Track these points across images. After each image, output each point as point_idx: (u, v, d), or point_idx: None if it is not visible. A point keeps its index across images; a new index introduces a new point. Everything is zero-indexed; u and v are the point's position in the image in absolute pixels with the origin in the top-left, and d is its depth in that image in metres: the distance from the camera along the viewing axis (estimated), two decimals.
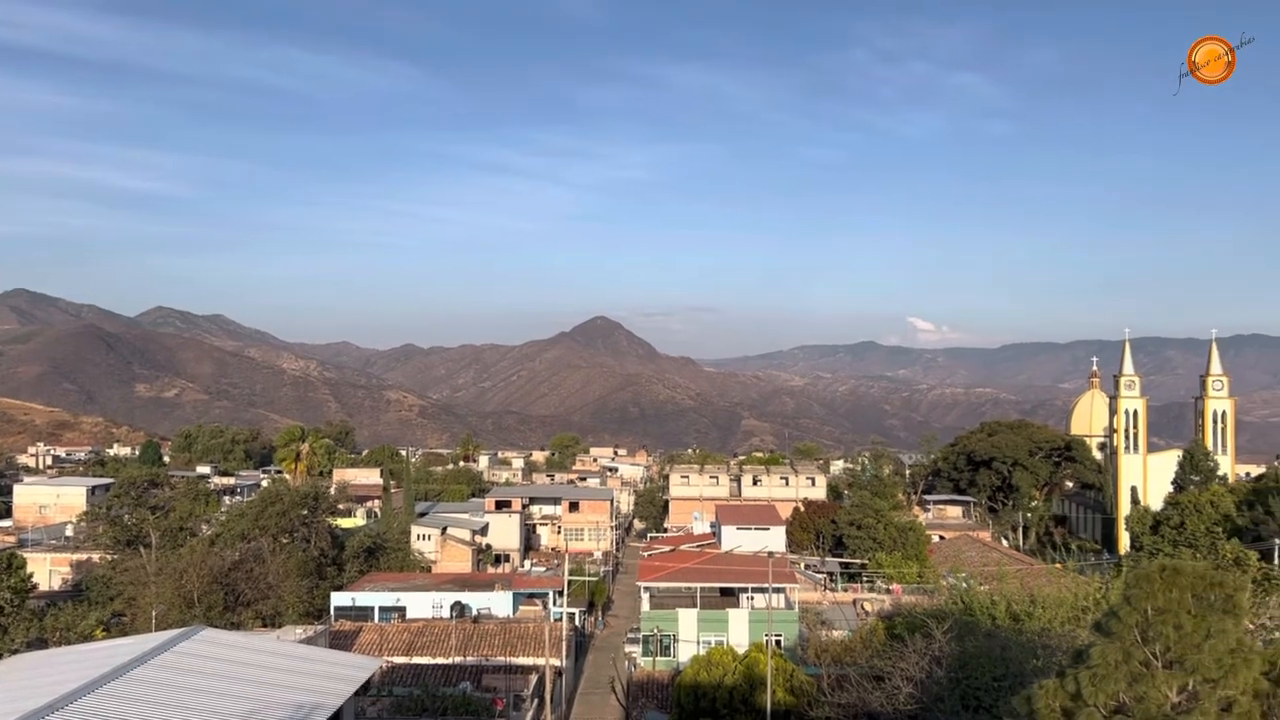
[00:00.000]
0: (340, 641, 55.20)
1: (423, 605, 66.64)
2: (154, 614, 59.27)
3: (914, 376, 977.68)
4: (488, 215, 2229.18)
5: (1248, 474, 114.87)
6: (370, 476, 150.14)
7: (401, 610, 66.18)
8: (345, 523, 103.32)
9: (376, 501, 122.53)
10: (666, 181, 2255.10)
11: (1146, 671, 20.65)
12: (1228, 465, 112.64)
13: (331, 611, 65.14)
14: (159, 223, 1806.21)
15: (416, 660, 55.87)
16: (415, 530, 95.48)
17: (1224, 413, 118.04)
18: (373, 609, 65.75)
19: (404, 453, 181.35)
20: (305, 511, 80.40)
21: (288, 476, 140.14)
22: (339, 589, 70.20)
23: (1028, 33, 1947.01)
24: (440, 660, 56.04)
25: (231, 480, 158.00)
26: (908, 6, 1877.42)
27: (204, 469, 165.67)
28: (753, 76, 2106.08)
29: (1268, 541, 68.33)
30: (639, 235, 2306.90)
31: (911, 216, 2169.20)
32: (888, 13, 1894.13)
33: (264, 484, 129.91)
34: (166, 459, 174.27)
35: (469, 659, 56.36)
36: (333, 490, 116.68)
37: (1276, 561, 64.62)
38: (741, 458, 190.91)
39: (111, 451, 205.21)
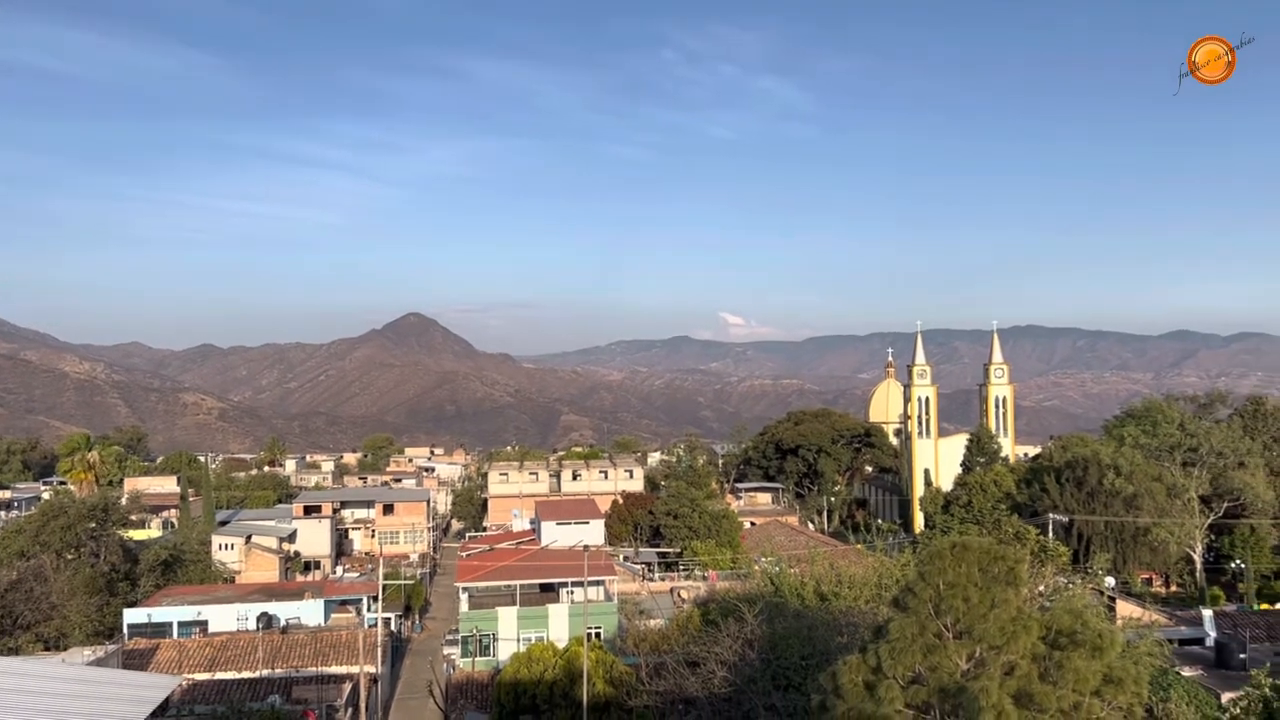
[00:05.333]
0: (135, 661, 52.47)
1: (226, 618, 64.21)
2: None
3: (725, 369, 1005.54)
4: (289, 209, 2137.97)
5: (1026, 455, 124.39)
6: (166, 485, 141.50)
7: (203, 624, 63.58)
8: (139, 534, 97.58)
9: (173, 511, 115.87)
10: (479, 177, 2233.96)
11: (939, 642, 22.06)
12: (1009, 446, 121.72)
13: (124, 630, 62.10)
14: None
15: (220, 676, 53.46)
16: (217, 540, 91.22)
17: (1005, 398, 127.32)
18: (171, 625, 62.95)
19: (203, 459, 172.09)
20: (93, 524, 75.73)
21: (73, 487, 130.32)
22: (133, 605, 66.96)
23: (824, 42, 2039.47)
24: (246, 674, 53.89)
25: (7, 494, 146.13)
26: (713, 11, 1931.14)
27: None
28: (563, 74, 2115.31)
29: (1043, 516, 74.27)
30: (452, 231, 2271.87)
31: (720, 214, 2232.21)
32: (694, 16, 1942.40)
33: (45, 496, 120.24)
34: None
35: (278, 671, 54.39)
36: (124, 501, 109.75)
37: (1051, 534, 70.30)
38: (561, 453, 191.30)
39: None
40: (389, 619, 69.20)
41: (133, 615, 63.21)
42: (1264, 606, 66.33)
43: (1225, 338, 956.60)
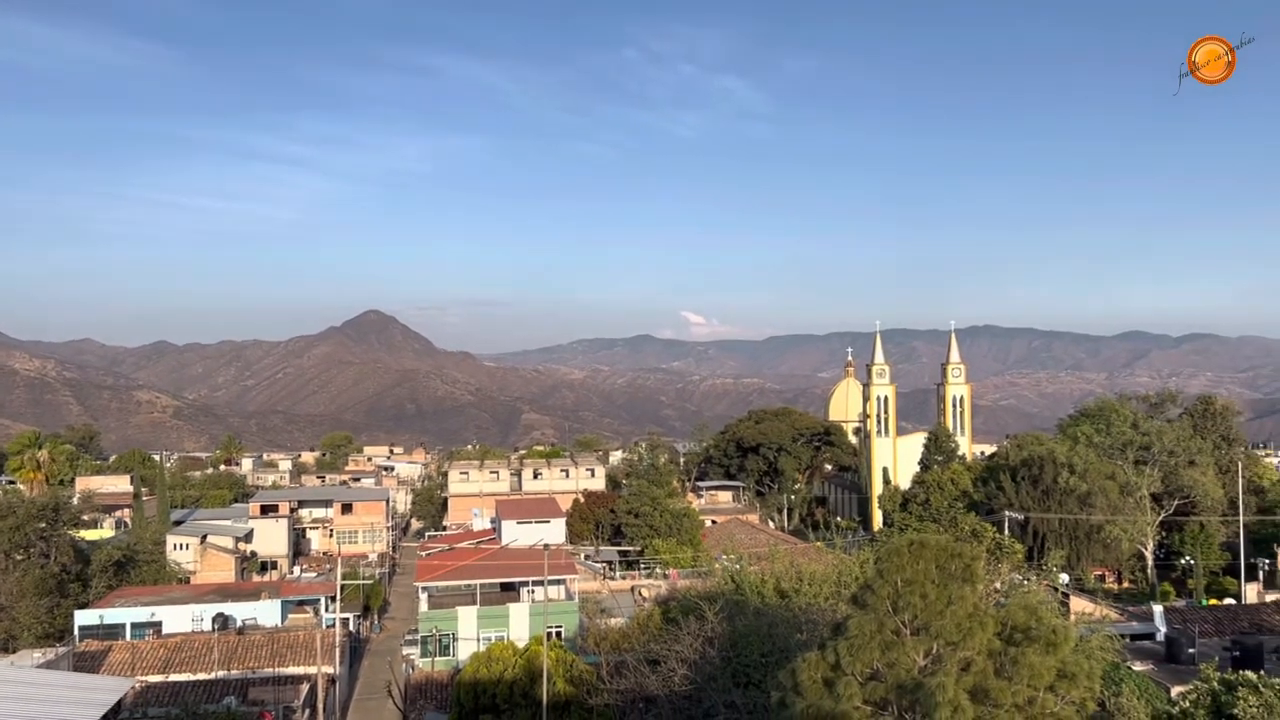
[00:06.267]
0: (87, 663, 51.62)
1: (181, 619, 63.30)
2: None
3: (687, 368, 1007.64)
4: (248, 205, 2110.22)
5: (982, 453, 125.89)
6: (119, 484, 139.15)
7: (157, 626, 62.58)
8: (91, 534, 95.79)
9: (127, 511, 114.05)
10: (440, 173, 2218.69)
11: (897, 639, 22.27)
12: (966, 445, 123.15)
13: (76, 631, 61.07)
14: None
15: (175, 678, 52.71)
16: (171, 539, 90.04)
17: (962, 397, 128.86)
18: (124, 626, 61.89)
19: (157, 457, 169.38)
20: (43, 524, 74.21)
21: (22, 487, 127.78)
22: (84, 607, 65.77)
23: (784, 42, 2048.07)
24: (202, 676, 53.21)
25: None
26: (674, 9, 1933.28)
27: None
28: (525, 71, 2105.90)
29: (999, 514, 75.23)
30: (412, 227, 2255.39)
31: (682, 213, 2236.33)
32: (655, 15, 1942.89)
33: None
34: None
35: (234, 673, 53.76)
36: (76, 500, 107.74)
37: (1007, 531, 71.26)
38: (522, 452, 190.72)
39: None
40: (347, 619, 68.61)
41: (84, 617, 62.05)
42: (1212, 602, 67.67)
43: (1176, 338, 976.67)
